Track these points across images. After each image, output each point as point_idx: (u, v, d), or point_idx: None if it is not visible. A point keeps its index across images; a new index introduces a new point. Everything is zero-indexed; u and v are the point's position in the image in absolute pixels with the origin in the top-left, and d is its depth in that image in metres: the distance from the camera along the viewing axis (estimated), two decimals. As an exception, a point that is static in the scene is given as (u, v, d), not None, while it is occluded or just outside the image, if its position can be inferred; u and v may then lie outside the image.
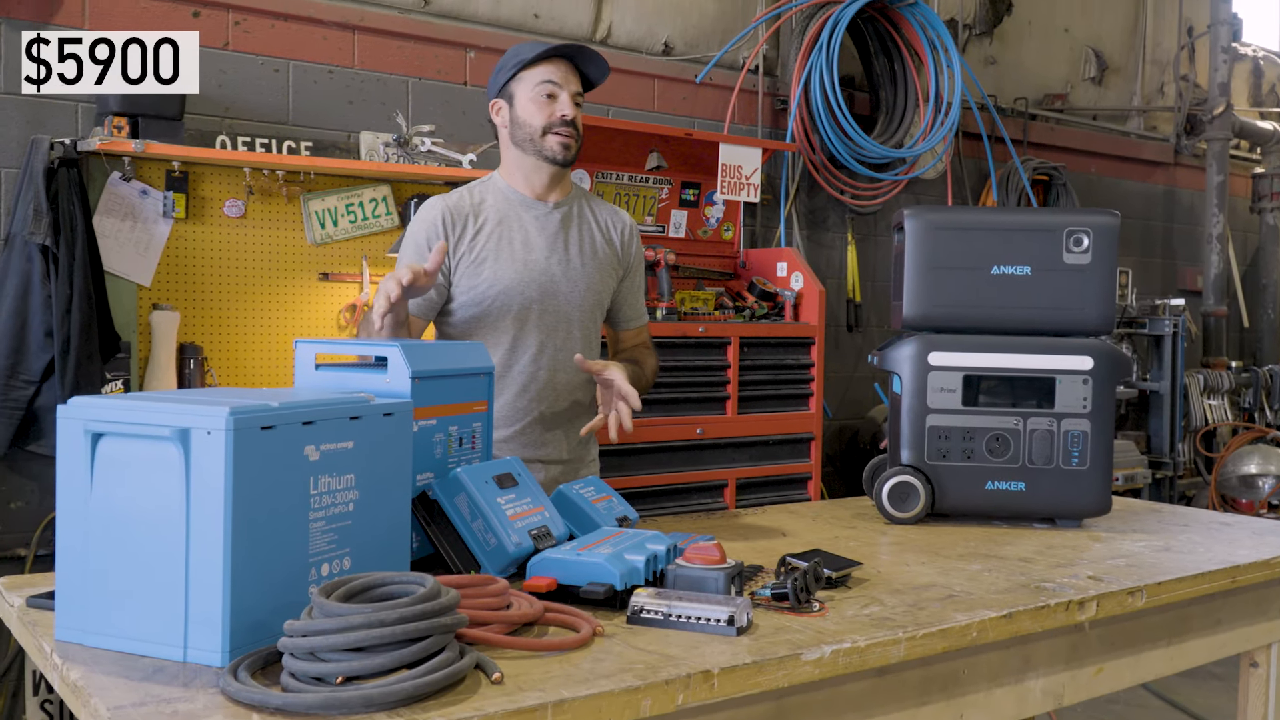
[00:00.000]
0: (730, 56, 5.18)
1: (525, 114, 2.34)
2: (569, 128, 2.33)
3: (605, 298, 2.48)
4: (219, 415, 1.31)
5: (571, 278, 2.39)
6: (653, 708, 1.32)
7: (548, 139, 2.33)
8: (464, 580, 1.49)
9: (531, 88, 2.32)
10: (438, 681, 1.21)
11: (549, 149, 2.34)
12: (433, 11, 4.35)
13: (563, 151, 2.34)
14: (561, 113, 2.32)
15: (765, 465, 4.45)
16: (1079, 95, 6.82)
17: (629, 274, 2.54)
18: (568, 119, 2.32)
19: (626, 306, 2.55)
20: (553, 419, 2.39)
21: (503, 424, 2.32)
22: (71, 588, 1.40)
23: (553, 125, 2.32)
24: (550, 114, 2.32)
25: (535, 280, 2.35)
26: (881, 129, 5.42)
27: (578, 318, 2.40)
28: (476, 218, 2.36)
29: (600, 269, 2.45)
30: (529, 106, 2.34)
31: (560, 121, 2.32)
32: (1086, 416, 2.41)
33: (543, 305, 2.36)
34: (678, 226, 4.79)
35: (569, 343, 2.39)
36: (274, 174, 3.82)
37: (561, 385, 2.39)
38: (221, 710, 1.17)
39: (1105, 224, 2.42)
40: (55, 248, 3.31)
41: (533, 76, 2.32)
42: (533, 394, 2.35)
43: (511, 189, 2.40)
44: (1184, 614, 2.13)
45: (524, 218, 2.38)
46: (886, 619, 1.64)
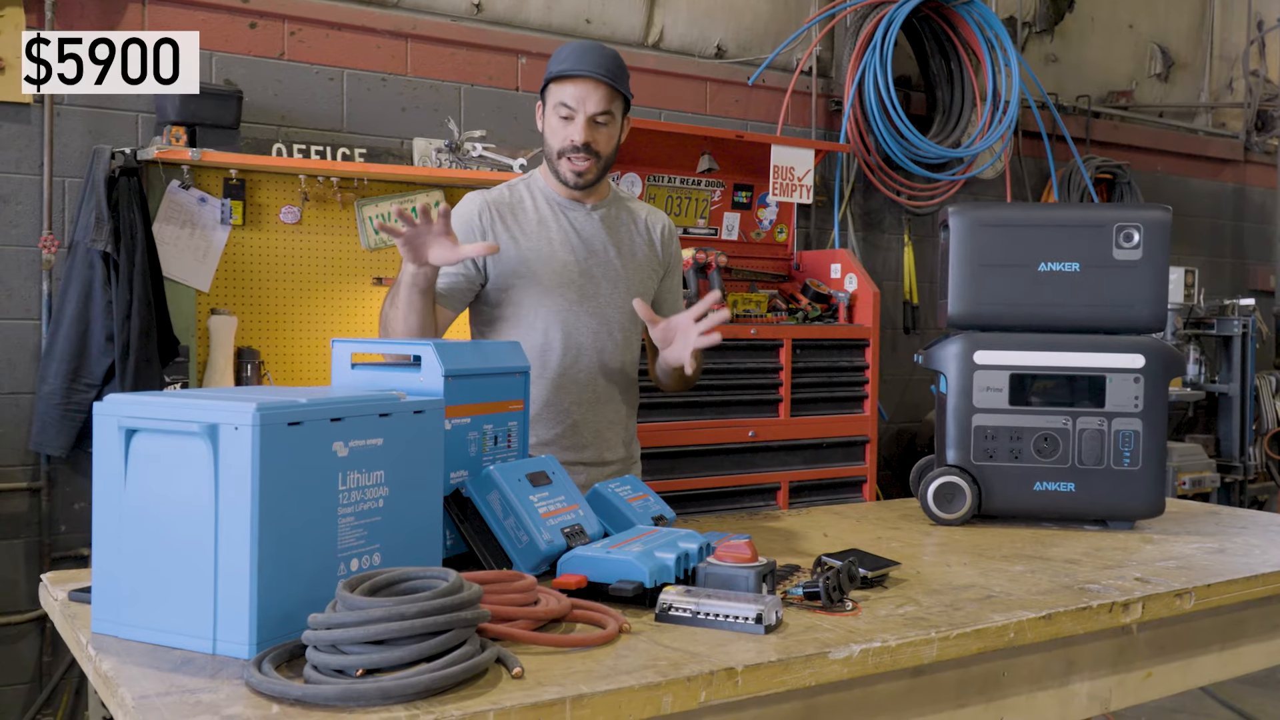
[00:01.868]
0: (784, 58, 5.15)
1: (547, 132, 2.33)
2: (581, 153, 2.28)
3: (646, 298, 2.47)
4: (246, 411, 1.33)
5: (612, 279, 2.39)
6: (674, 704, 1.31)
7: (561, 163, 2.31)
8: (490, 576, 1.49)
9: (553, 106, 2.30)
10: (455, 675, 1.22)
11: (562, 173, 2.32)
12: (485, 18, 4.38)
13: (574, 178, 2.31)
14: (572, 138, 2.28)
15: (819, 468, 4.41)
16: (1144, 92, 6.68)
17: (668, 274, 2.53)
18: (577, 145, 2.28)
19: (666, 306, 2.54)
20: (592, 421, 2.38)
21: (542, 426, 2.32)
22: (107, 581, 1.43)
23: (565, 150, 2.30)
24: (564, 137, 2.29)
25: (575, 282, 2.34)
26: (938, 129, 5.35)
27: (618, 319, 2.40)
28: (516, 215, 2.36)
29: (640, 270, 2.44)
30: (549, 124, 2.32)
31: (571, 147, 2.28)
32: (1138, 416, 2.35)
33: (583, 307, 2.35)
34: (730, 229, 4.78)
35: (610, 344, 2.39)
36: (328, 180, 3.88)
37: (602, 388, 2.39)
38: (243, 701, 1.19)
39: (1156, 219, 2.36)
40: (116, 254, 3.39)
41: (556, 93, 2.29)
42: (573, 396, 2.35)
43: (551, 190, 2.40)
44: (1239, 618, 2.07)
45: (564, 219, 2.38)
46: (921, 619, 1.62)
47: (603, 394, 2.39)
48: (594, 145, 2.29)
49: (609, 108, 2.29)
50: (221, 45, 3.80)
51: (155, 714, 1.15)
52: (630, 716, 1.28)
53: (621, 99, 2.33)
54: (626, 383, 2.45)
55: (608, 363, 2.39)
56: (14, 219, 3.51)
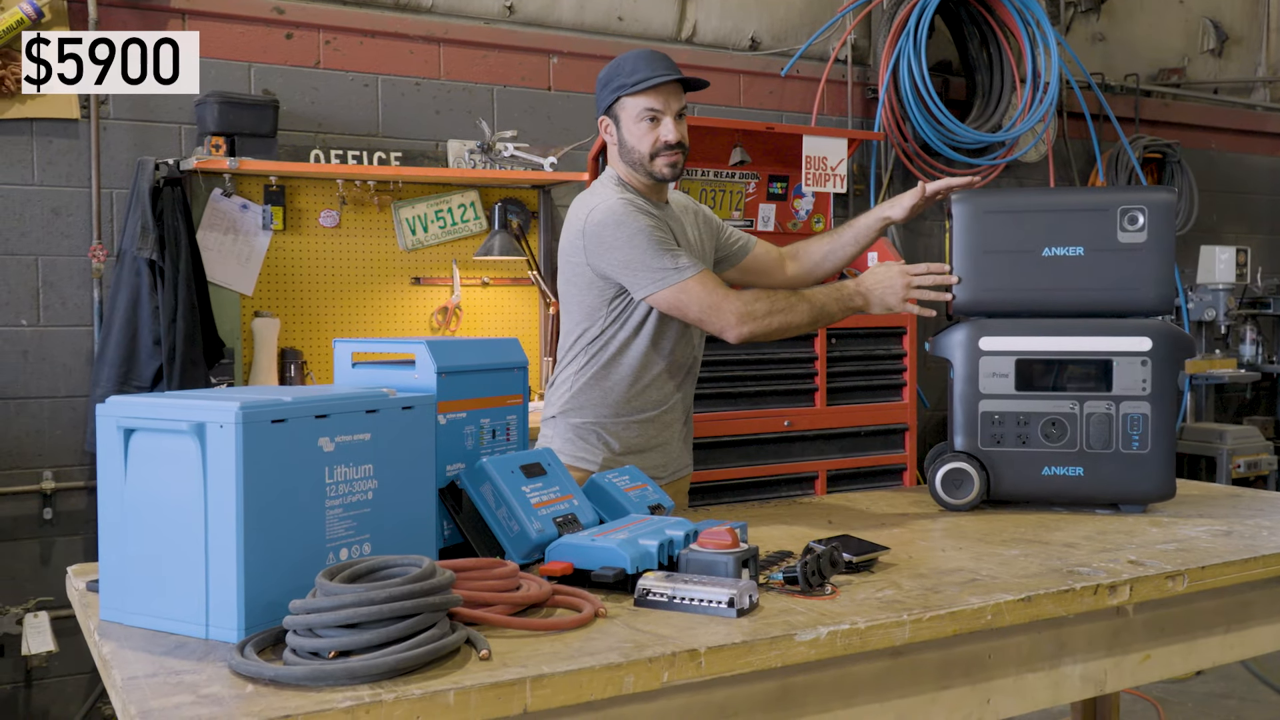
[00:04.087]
0: (820, 48, 5.15)
1: (631, 139, 2.42)
2: (675, 149, 2.41)
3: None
4: (230, 410, 1.41)
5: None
6: (636, 684, 1.36)
7: (655, 162, 2.41)
8: (472, 563, 1.56)
9: (634, 115, 2.40)
10: (420, 657, 1.29)
11: (658, 171, 2.42)
12: (517, 20, 4.46)
13: (671, 171, 2.42)
14: (665, 139, 2.39)
15: (857, 457, 4.41)
16: (1197, 69, 6.54)
17: (719, 231, 2.68)
18: (671, 143, 2.40)
19: (736, 241, 2.70)
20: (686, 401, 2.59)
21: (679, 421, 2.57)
22: (112, 572, 1.53)
23: (658, 151, 2.40)
24: (655, 140, 2.40)
25: None
26: (977, 113, 5.31)
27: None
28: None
29: (706, 250, 2.60)
30: (634, 131, 2.41)
31: (665, 147, 2.40)
32: (1146, 399, 2.35)
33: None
34: (766, 220, 4.80)
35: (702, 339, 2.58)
36: (365, 184, 3.99)
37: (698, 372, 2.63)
38: (221, 682, 1.27)
39: (1161, 201, 2.35)
40: (161, 262, 3.53)
41: (635, 104, 2.40)
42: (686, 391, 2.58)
43: (639, 194, 2.47)
44: (1244, 600, 2.06)
45: (664, 215, 2.47)
46: (897, 602, 1.65)
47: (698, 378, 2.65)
48: (684, 140, 2.44)
49: (685, 105, 2.47)
50: (259, 56, 3.93)
51: (139, 693, 1.23)
52: (591, 696, 1.33)
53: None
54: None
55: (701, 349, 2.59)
56: (66, 230, 3.67)
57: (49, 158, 3.64)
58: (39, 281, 3.65)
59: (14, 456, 3.61)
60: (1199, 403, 5.77)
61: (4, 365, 3.61)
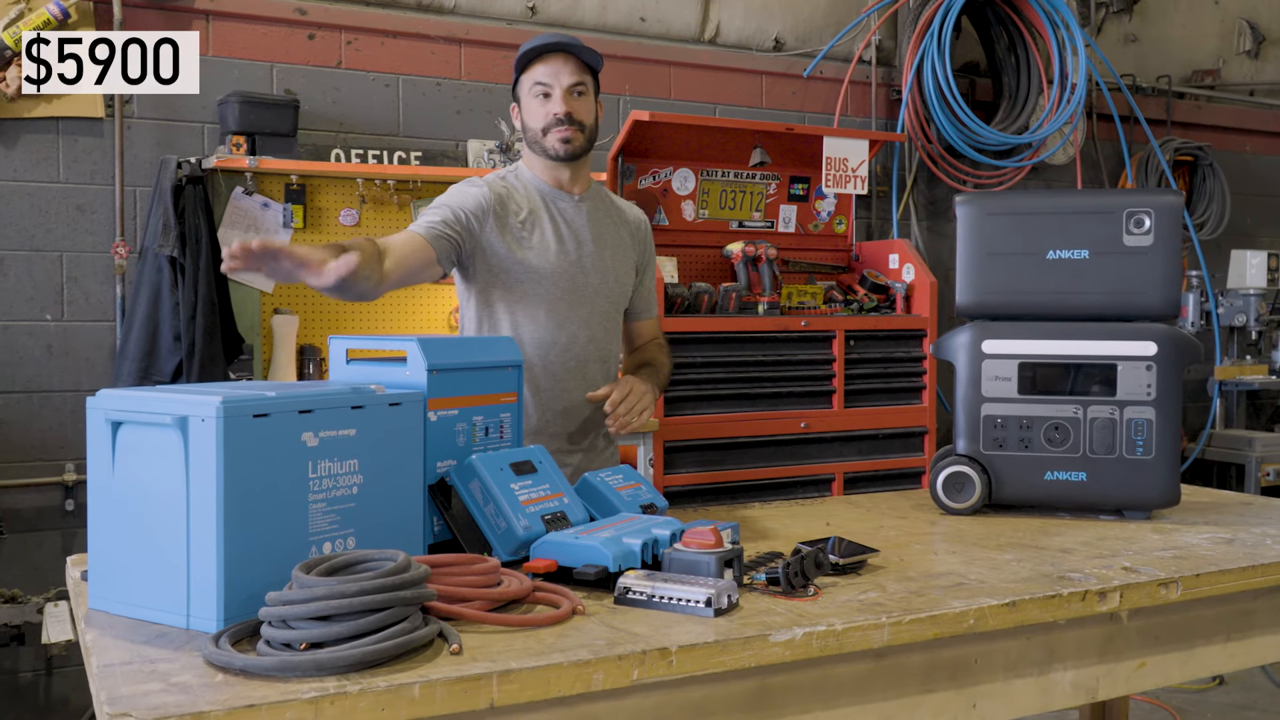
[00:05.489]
0: (844, 49, 5.14)
1: (527, 117, 2.40)
2: (565, 123, 2.35)
3: (627, 292, 2.54)
4: (211, 404, 1.44)
5: (601, 272, 2.45)
6: (605, 682, 1.37)
7: (548, 138, 2.37)
8: (451, 559, 1.57)
9: (527, 91, 2.38)
10: (388, 650, 1.30)
11: (551, 148, 2.38)
12: (540, 20, 4.48)
13: (563, 146, 2.36)
14: (554, 111, 2.35)
15: (875, 460, 4.40)
16: (1232, 70, 6.44)
17: (645, 267, 2.60)
18: (560, 116, 2.35)
19: (640, 299, 2.60)
20: (584, 407, 2.44)
21: (537, 413, 2.39)
22: (99, 561, 1.56)
23: (549, 126, 2.36)
24: (546, 113, 2.36)
25: (568, 272, 2.41)
26: (1003, 115, 5.28)
27: (607, 310, 2.47)
28: (513, 201, 2.40)
29: (623, 263, 2.51)
30: (529, 108, 2.40)
31: (555, 121, 2.35)
32: (1151, 404, 2.32)
33: (575, 297, 2.42)
34: (787, 221, 4.79)
35: (600, 333, 2.46)
36: (385, 184, 4.03)
37: (592, 375, 2.45)
38: (193, 671, 1.29)
39: (1168, 203, 2.32)
40: (182, 259, 3.59)
41: (528, 79, 2.38)
42: (565, 384, 2.41)
43: (540, 180, 2.45)
44: (1246, 608, 2.04)
45: (555, 209, 2.44)
46: (878, 604, 1.64)
47: (593, 381, 2.45)
48: (576, 115, 2.36)
49: (582, 79, 2.37)
50: (282, 56, 3.97)
51: (111, 680, 1.26)
52: (559, 692, 1.34)
53: (592, 76, 2.40)
54: (612, 372, 2.51)
55: (597, 351, 2.46)
56: (90, 227, 3.73)
57: (74, 156, 3.70)
58: (63, 277, 3.71)
59: (37, 449, 3.68)
60: (1229, 409, 5.69)
61: (28, 359, 3.68)
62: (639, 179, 4.37)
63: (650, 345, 2.64)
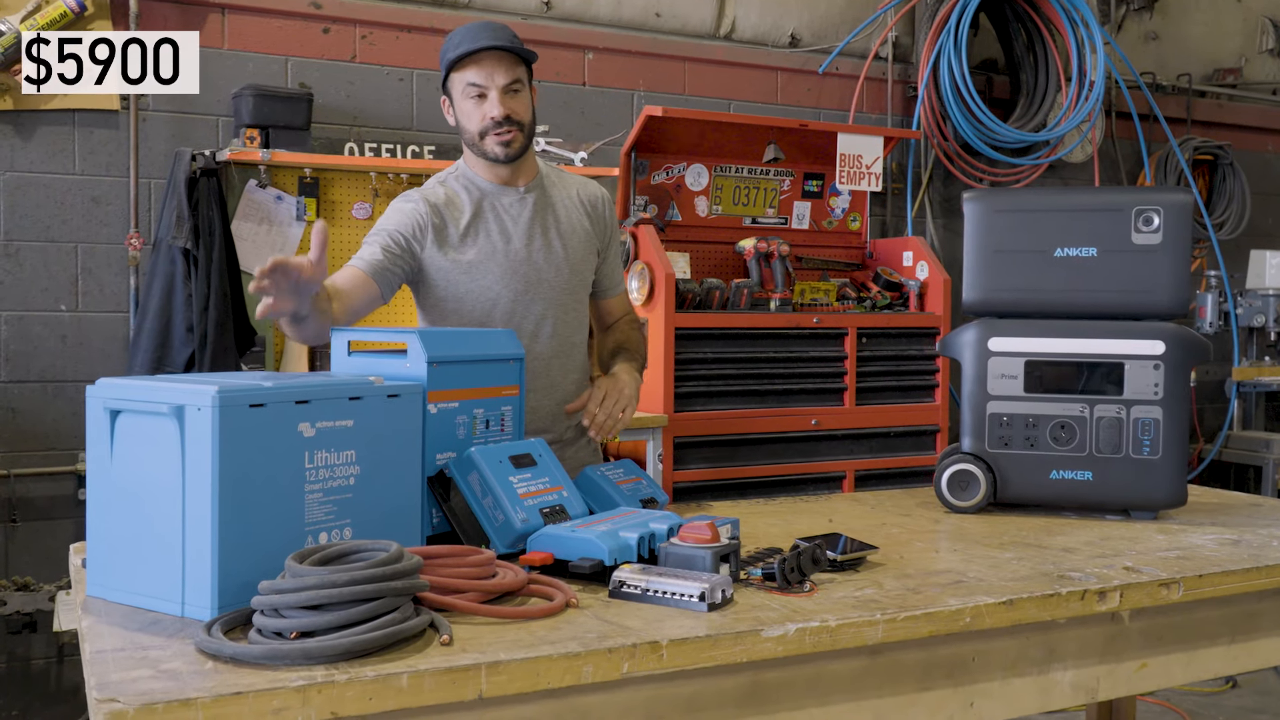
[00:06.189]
0: (861, 45, 5.12)
1: (462, 118, 2.34)
2: (503, 125, 2.29)
3: (589, 276, 2.48)
4: (208, 394, 1.44)
5: (554, 263, 2.40)
6: (595, 675, 1.37)
7: (485, 142, 2.31)
8: (446, 550, 1.58)
9: (461, 91, 2.31)
10: (377, 640, 1.30)
11: (490, 151, 2.32)
12: (554, 15, 4.48)
13: (503, 150, 2.31)
14: (490, 114, 2.29)
15: (886, 457, 4.38)
16: (1255, 69, 6.38)
17: (608, 245, 2.53)
18: (498, 119, 2.29)
19: (605, 277, 2.55)
20: (547, 404, 2.40)
21: None
22: (97, 549, 1.57)
23: (486, 129, 2.30)
24: (482, 116, 2.30)
25: (518, 270, 2.36)
26: (1020, 112, 5.24)
27: (568, 302, 2.42)
28: (452, 209, 2.36)
29: (581, 247, 2.45)
30: (463, 109, 2.33)
31: (493, 124, 2.29)
32: (1158, 404, 2.30)
33: (528, 295, 2.37)
34: (801, 218, 4.78)
35: (560, 326, 2.41)
36: (398, 177, 4.04)
37: (556, 371, 2.41)
38: (183, 658, 1.30)
39: (1177, 202, 2.30)
40: (195, 250, 3.61)
41: (460, 79, 2.30)
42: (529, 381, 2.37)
43: (481, 179, 2.40)
44: (1251, 610, 2.02)
45: (498, 206, 2.39)
46: (874, 601, 1.64)
47: (556, 378, 2.41)
48: (514, 115, 2.30)
49: (517, 76, 2.31)
50: (297, 50, 3.99)
51: (103, 666, 1.27)
52: (549, 684, 1.34)
53: (525, 66, 2.34)
54: (578, 362, 2.47)
55: (558, 346, 2.41)
56: (105, 219, 3.76)
57: (90, 148, 3.73)
58: (78, 268, 3.74)
59: (51, 438, 3.71)
60: (1247, 411, 5.64)
61: (43, 349, 3.71)
62: (652, 174, 4.36)
63: (622, 323, 2.59)
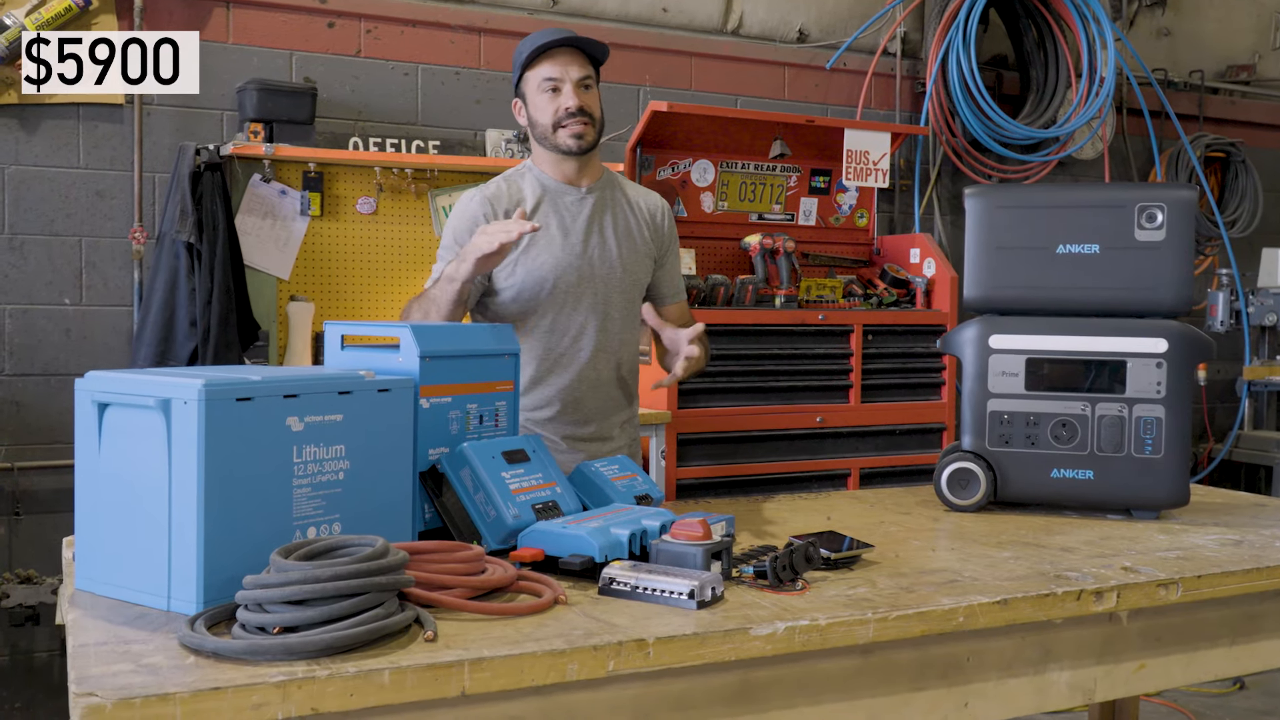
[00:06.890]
0: (870, 41, 5.09)
1: (536, 113, 2.41)
2: (577, 117, 2.37)
3: (643, 279, 2.53)
4: (194, 387, 1.44)
5: (609, 261, 2.45)
6: (580, 672, 1.36)
7: (559, 133, 2.38)
8: (434, 546, 1.57)
9: (536, 86, 2.39)
10: (359, 635, 1.29)
11: (563, 143, 2.39)
12: (561, 10, 4.47)
13: (575, 141, 2.38)
14: (565, 105, 2.36)
15: (892, 455, 4.36)
16: (1268, 66, 6.33)
17: (666, 253, 2.60)
18: (572, 110, 2.37)
19: (665, 284, 2.61)
20: (593, 400, 2.45)
21: (545, 404, 2.40)
22: (85, 542, 1.57)
23: (560, 120, 2.37)
24: (556, 108, 2.37)
25: (574, 265, 2.41)
26: (1030, 109, 5.21)
27: (617, 300, 2.46)
28: (512, 200, 2.43)
29: (636, 251, 2.50)
30: (537, 104, 2.40)
31: (566, 114, 2.37)
32: (1160, 402, 2.28)
33: (580, 289, 2.42)
34: (807, 214, 4.75)
35: (608, 325, 2.46)
36: (403, 172, 4.03)
37: (603, 370, 2.46)
38: (165, 652, 1.29)
39: (1181, 198, 2.28)
40: (199, 245, 3.61)
41: (535, 75, 2.39)
42: (573, 374, 2.42)
43: (546, 176, 2.47)
44: (1253, 611, 2.00)
45: (559, 204, 2.45)
46: (866, 600, 1.62)
47: (604, 377, 2.46)
48: (587, 108, 2.38)
49: (589, 72, 2.40)
50: (301, 45, 3.99)
51: (84, 659, 1.26)
52: (533, 681, 1.33)
53: (595, 68, 2.42)
54: (629, 365, 2.52)
55: (608, 345, 2.46)
56: (109, 213, 3.76)
57: (94, 142, 3.73)
58: (82, 262, 3.75)
59: (54, 431, 3.72)
60: (1258, 410, 5.59)
61: (47, 342, 3.72)
62: (658, 170, 4.35)
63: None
